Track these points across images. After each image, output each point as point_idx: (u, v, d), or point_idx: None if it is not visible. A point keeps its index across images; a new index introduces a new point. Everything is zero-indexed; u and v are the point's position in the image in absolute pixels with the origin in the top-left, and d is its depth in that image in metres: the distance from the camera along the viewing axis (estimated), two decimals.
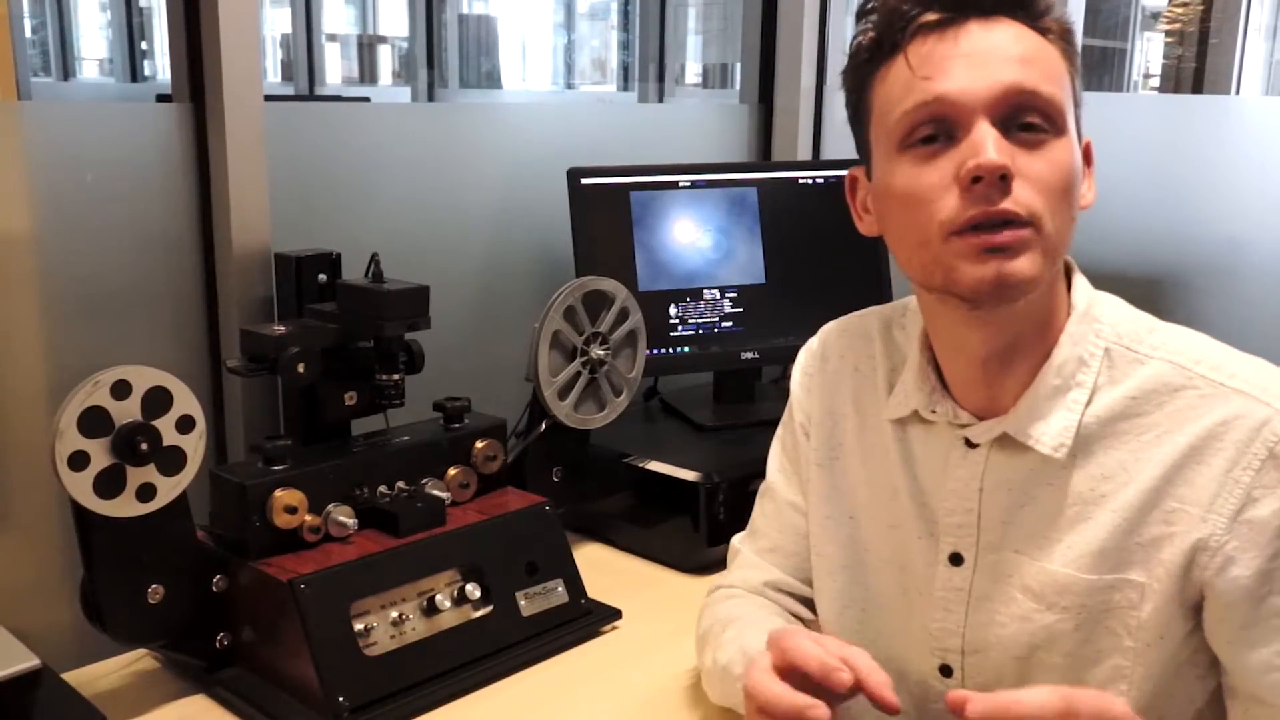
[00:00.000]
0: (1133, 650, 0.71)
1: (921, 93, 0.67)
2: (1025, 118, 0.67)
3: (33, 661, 0.79)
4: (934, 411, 0.77)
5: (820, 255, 1.38)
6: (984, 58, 0.67)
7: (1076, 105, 0.71)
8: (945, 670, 0.78)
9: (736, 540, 0.96)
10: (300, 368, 0.97)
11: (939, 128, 0.68)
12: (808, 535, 0.89)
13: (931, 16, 0.69)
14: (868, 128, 0.74)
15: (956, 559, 0.76)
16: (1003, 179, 0.65)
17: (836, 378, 0.86)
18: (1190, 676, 0.72)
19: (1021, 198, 0.66)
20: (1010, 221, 0.66)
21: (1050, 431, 0.72)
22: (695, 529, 1.15)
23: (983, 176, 0.65)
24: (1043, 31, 0.70)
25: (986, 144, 0.65)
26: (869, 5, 0.72)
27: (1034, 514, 0.74)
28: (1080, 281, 0.75)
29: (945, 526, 0.76)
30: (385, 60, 5.25)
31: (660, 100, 4.19)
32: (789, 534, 0.90)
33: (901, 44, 0.69)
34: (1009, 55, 0.67)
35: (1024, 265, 0.66)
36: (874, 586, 0.83)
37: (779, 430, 0.92)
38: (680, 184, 1.36)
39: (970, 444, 0.75)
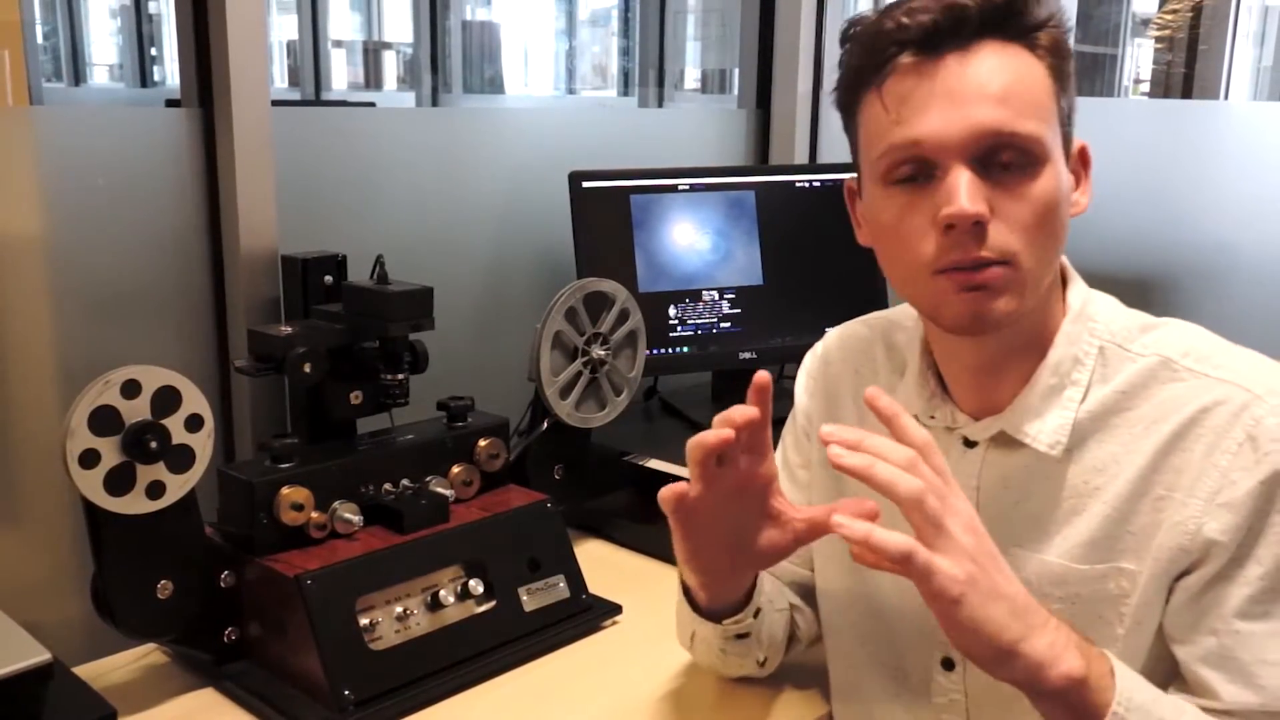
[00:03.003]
0: (1122, 638, 0.72)
1: (898, 135, 0.68)
2: (1002, 156, 0.67)
3: (44, 656, 0.80)
4: (932, 417, 0.78)
5: (817, 257, 1.39)
6: (960, 97, 0.66)
7: (1067, 116, 0.71)
8: (947, 663, 0.79)
9: None
10: (306, 367, 0.98)
11: (917, 168, 0.68)
12: None
13: (908, 59, 0.68)
14: (856, 148, 0.75)
15: None
16: (977, 224, 0.66)
17: (838, 380, 0.87)
18: (1169, 660, 0.73)
19: (998, 241, 0.67)
20: (987, 263, 0.67)
21: (1046, 429, 0.73)
22: None
23: (956, 225, 0.66)
24: (1031, 47, 0.69)
25: (960, 193, 0.66)
26: (850, 30, 0.72)
27: (1030, 508, 0.75)
28: (1076, 282, 0.76)
29: None
30: (390, 66, 5.27)
31: (660, 105, 4.20)
32: None
33: (878, 83, 0.69)
34: (986, 93, 0.66)
35: (1002, 303, 0.68)
36: (875, 584, 0.84)
37: (784, 430, 0.94)
38: (679, 187, 1.37)
39: (968, 442, 0.77)
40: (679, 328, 1.36)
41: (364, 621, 0.91)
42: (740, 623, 0.84)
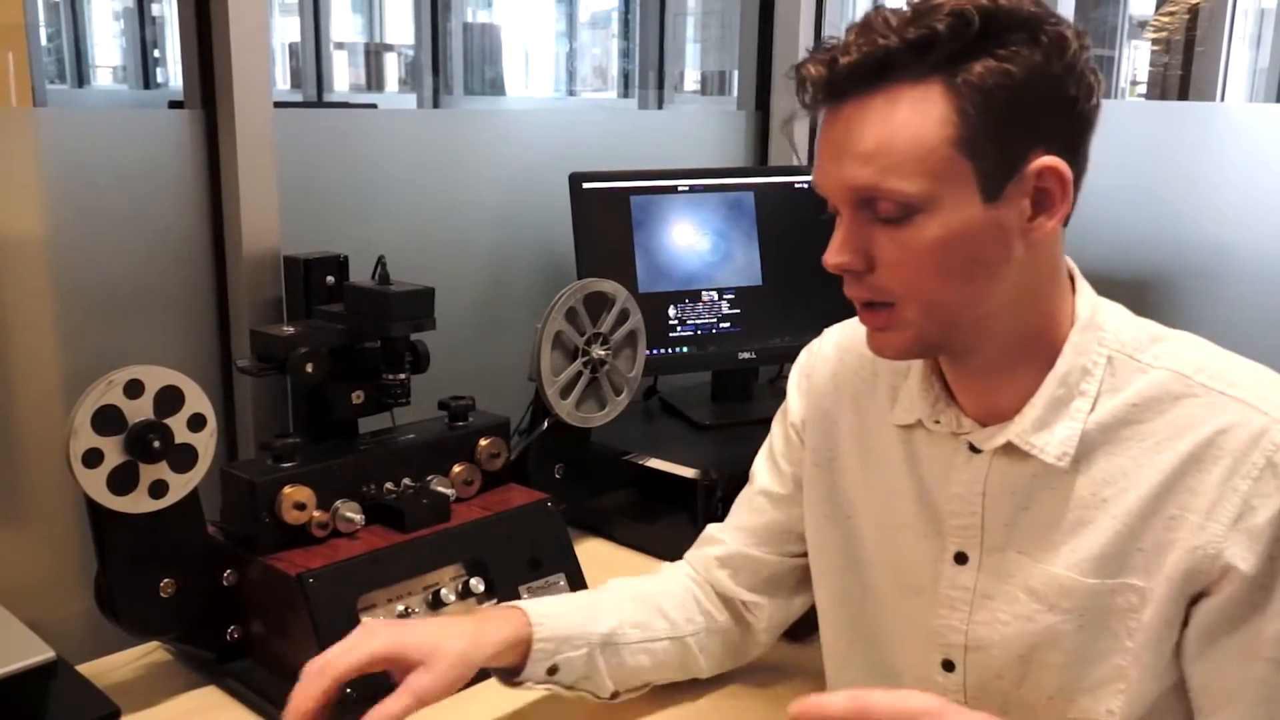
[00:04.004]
0: (1132, 651, 0.71)
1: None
2: (878, 207, 0.68)
3: (48, 654, 0.81)
4: (937, 422, 0.78)
5: (815, 258, 1.37)
6: (836, 152, 0.69)
7: (1004, 145, 0.67)
8: (948, 665, 0.79)
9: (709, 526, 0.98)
10: (309, 367, 0.99)
11: (830, 206, 0.72)
12: (778, 523, 0.91)
13: (820, 107, 0.69)
14: None
15: (961, 558, 0.77)
16: (853, 271, 0.70)
17: (835, 380, 0.87)
18: (1182, 679, 0.73)
19: (879, 282, 0.70)
20: (871, 302, 0.71)
21: (1054, 440, 0.72)
22: (694, 524, 1.16)
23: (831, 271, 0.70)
24: (953, 84, 0.65)
25: (832, 243, 0.71)
26: (792, 69, 0.72)
27: (1037, 517, 0.74)
28: (1084, 291, 0.76)
29: (950, 527, 0.77)
30: (391, 68, 5.29)
31: (660, 107, 4.22)
32: (756, 516, 0.93)
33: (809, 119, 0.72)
34: (855, 151, 0.67)
35: (892, 339, 0.72)
36: (870, 585, 0.84)
37: (773, 423, 0.94)
38: (679, 188, 1.38)
39: (974, 449, 0.76)
40: (679, 328, 1.37)
41: (366, 620, 0.91)
42: (529, 685, 0.85)
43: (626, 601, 0.91)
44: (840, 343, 0.89)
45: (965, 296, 0.70)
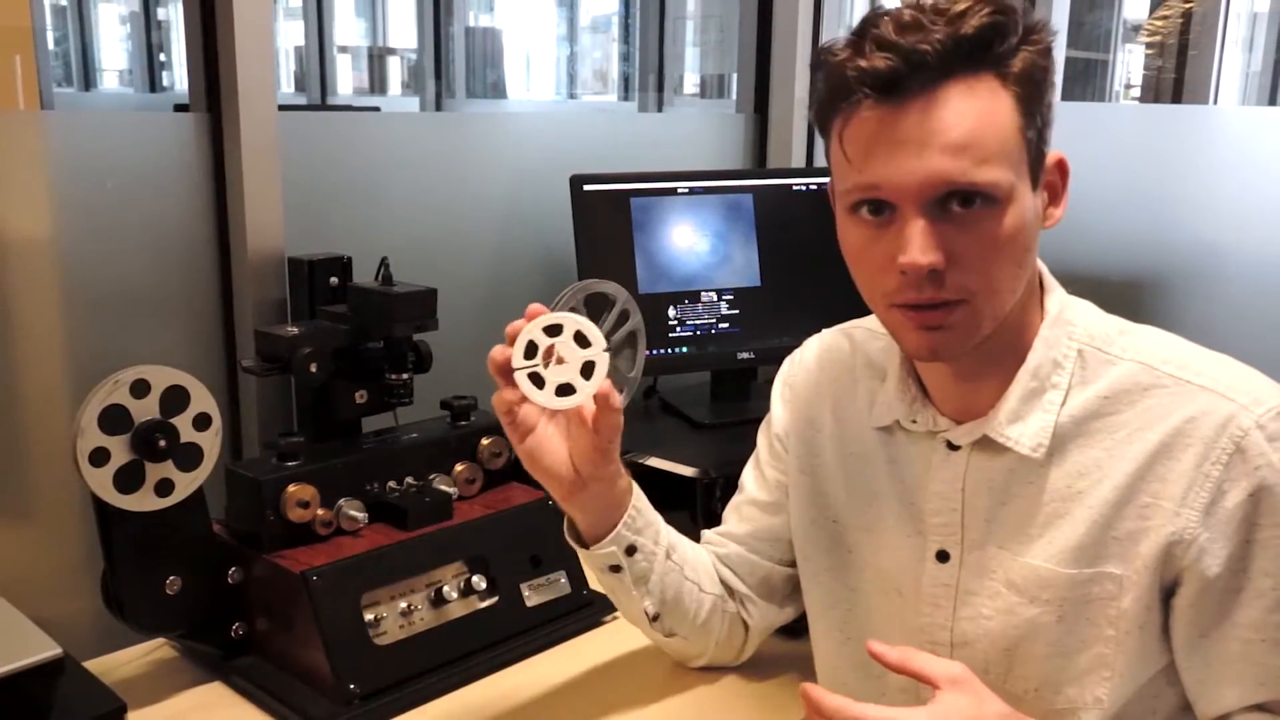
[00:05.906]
0: (1114, 639, 0.73)
1: (857, 176, 0.68)
2: (961, 201, 0.67)
3: (55, 650, 0.81)
4: (914, 421, 0.79)
5: (813, 259, 1.41)
6: (918, 146, 0.65)
7: (1039, 136, 0.69)
8: None
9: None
10: (312, 367, 1.00)
11: (877, 207, 0.69)
12: (768, 530, 0.92)
13: (869, 107, 0.67)
14: (829, 164, 0.75)
15: (943, 556, 0.78)
16: (933, 271, 0.67)
17: (816, 388, 0.88)
18: (1170, 666, 0.74)
19: (955, 282, 0.67)
20: (945, 302, 0.68)
21: (1028, 432, 0.74)
22: (694, 522, 1.17)
23: (909, 273, 0.67)
24: (1003, 77, 0.67)
25: (913, 243, 0.66)
26: (820, 59, 0.71)
27: (1015, 511, 0.75)
28: (1053, 289, 0.77)
29: (931, 526, 0.78)
30: (394, 71, 5.30)
31: (659, 110, 4.22)
32: (745, 524, 0.94)
33: (840, 126, 0.69)
34: (944, 143, 0.65)
35: (956, 338, 0.70)
36: (857, 587, 0.85)
37: (759, 433, 0.95)
38: (679, 190, 1.39)
39: (952, 446, 0.77)
40: (678, 328, 1.38)
41: (369, 617, 0.92)
42: (604, 550, 0.85)
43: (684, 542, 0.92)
44: (821, 351, 0.90)
45: (1017, 287, 0.71)
